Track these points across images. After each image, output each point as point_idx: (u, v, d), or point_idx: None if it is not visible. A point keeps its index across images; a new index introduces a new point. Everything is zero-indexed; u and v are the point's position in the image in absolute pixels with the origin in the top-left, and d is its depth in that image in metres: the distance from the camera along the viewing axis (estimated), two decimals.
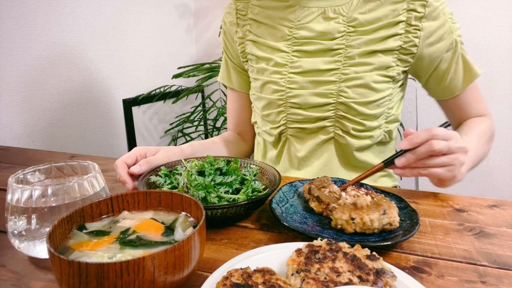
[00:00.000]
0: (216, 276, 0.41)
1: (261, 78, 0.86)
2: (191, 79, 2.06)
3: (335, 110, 0.80)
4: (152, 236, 0.44)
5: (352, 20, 0.79)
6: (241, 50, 0.92)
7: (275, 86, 0.84)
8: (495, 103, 1.74)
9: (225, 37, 0.96)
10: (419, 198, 0.69)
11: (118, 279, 0.34)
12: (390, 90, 0.81)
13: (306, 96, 0.81)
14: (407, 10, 0.77)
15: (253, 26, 0.89)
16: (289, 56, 0.83)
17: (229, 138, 1.00)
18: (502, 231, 0.57)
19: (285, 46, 0.84)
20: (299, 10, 0.83)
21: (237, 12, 0.91)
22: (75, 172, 0.58)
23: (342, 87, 0.79)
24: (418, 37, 0.77)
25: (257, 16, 0.88)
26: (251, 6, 0.89)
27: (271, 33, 0.86)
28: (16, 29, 1.23)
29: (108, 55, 1.59)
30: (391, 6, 0.78)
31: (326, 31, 0.80)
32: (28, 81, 1.28)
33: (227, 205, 0.55)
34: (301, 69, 0.81)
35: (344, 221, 0.53)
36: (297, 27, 0.83)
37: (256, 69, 0.88)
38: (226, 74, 1.00)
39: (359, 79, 0.78)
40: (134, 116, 1.77)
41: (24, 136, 1.29)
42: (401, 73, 0.82)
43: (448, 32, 0.79)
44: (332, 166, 0.85)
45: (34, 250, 0.49)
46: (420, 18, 0.77)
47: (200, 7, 2.14)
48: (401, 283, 0.40)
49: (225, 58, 0.99)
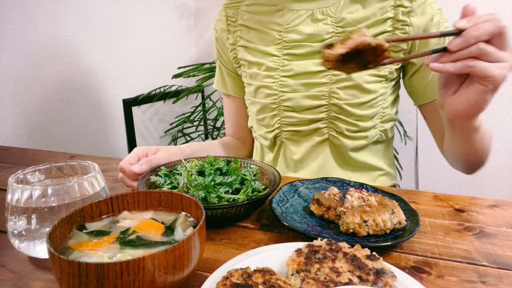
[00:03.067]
0: (216, 276, 0.41)
1: (254, 83, 0.87)
2: (191, 79, 2.06)
3: (328, 111, 0.80)
4: (152, 236, 0.44)
5: (340, 21, 0.79)
6: (233, 56, 0.92)
7: (268, 90, 0.84)
8: (495, 103, 1.73)
9: (218, 44, 0.97)
10: (419, 198, 0.69)
11: (118, 279, 0.34)
12: (383, 89, 0.81)
13: (299, 99, 0.81)
14: (394, 7, 0.77)
15: (243, 32, 0.89)
16: (280, 60, 0.83)
17: (228, 142, 1.00)
18: (502, 231, 0.57)
19: (275, 50, 0.84)
20: (287, 13, 0.84)
21: (227, 19, 0.92)
22: (75, 172, 0.58)
23: (333, 89, 0.79)
24: (407, 33, 0.77)
25: (247, 22, 0.88)
26: (240, 12, 0.90)
27: (261, 37, 0.86)
28: (16, 29, 1.23)
29: (108, 55, 1.59)
30: (378, 4, 0.78)
31: (315, 33, 0.80)
32: (28, 81, 1.28)
33: (227, 205, 0.55)
34: (293, 72, 0.81)
35: (356, 225, 0.51)
36: (286, 31, 0.83)
37: (249, 74, 0.89)
38: (221, 81, 1.01)
39: (349, 81, 0.78)
40: (134, 116, 1.77)
41: (24, 136, 1.29)
42: (394, 72, 0.81)
43: (437, 26, 0.77)
44: (329, 167, 0.85)
45: (34, 250, 0.49)
46: (408, 13, 0.76)
47: (200, 7, 2.14)
48: (401, 283, 0.40)
49: (219, 65, 1.00)
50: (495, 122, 1.76)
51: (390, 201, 0.56)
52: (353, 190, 0.60)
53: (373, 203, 0.55)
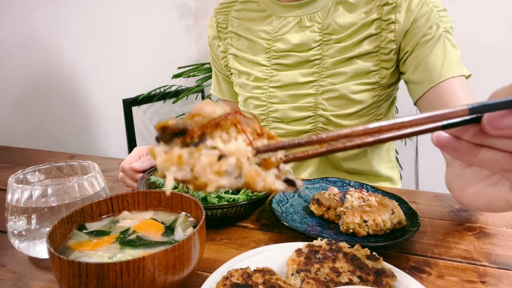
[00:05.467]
0: (216, 276, 0.41)
1: (243, 94, 0.86)
2: (191, 79, 2.06)
3: (315, 122, 0.79)
4: (152, 236, 0.44)
5: (327, 27, 0.76)
6: (224, 64, 0.91)
7: (256, 101, 0.83)
8: None
9: (211, 51, 0.95)
10: (419, 198, 0.69)
11: (118, 279, 0.34)
12: (375, 98, 0.76)
13: (286, 111, 0.80)
14: (380, 6, 0.73)
15: (233, 39, 0.88)
16: (269, 69, 0.82)
17: None
18: (502, 231, 0.57)
19: (264, 59, 0.82)
20: (276, 20, 0.82)
21: (217, 25, 0.90)
22: (75, 172, 0.58)
23: (319, 100, 0.77)
24: (393, 31, 0.71)
25: (237, 29, 0.87)
26: (231, 18, 0.88)
27: (250, 46, 0.85)
28: (16, 29, 1.23)
29: (108, 55, 1.59)
30: (364, 8, 0.75)
31: (301, 42, 0.78)
32: (28, 81, 1.28)
33: (227, 205, 0.55)
34: (280, 83, 0.80)
35: (356, 225, 0.52)
36: (274, 39, 0.81)
37: (239, 84, 0.88)
38: (218, 87, 1.00)
39: (335, 91, 0.75)
40: (134, 116, 1.77)
41: (24, 136, 1.29)
42: (389, 76, 0.75)
43: (427, 17, 0.70)
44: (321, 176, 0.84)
45: (34, 250, 0.49)
46: (393, 10, 0.71)
47: (200, 7, 2.14)
48: (401, 283, 0.40)
49: (214, 71, 0.99)
50: None
51: (390, 201, 0.56)
52: (353, 190, 0.60)
53: (373, 203, 0.55)
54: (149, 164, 0.70)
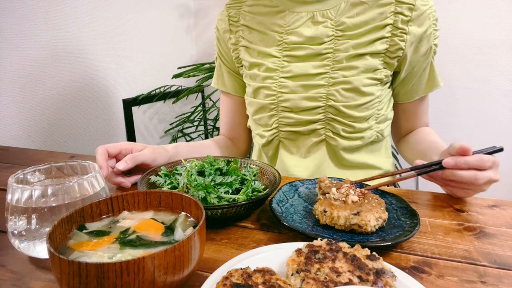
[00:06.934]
0: (216, 276, 0.41)
1: (253, 84, 0.87)
2: (191, 79, 2.06)
3: (325, 113, 0.81)
4: (152, 236, 0.44)
5: (340, 24, 0.80)
6: (235, 56, 0.93)
7: (267, 91, 0.84)
8: (495, 103, 1.74)
9: (219, 44, 0.97)
10: (419, 198, 0.69)
11: (118, 279, 0.34)
12: (379, 92, 0.82)
13: (297, 100, 0.81)
14: (394, 13, 0.78)
15: (245, 32, 0.90)
16: (280, 61, 0.84)
17: (220, 142, 1.00)
18: (502, 231, 0.57)
19: (276, 51, 0.84)
20: (288, 15, 0.84)
21: (229, 19, 0.92)
22: (75, 172, 0.58)
23: (331, 91, 0.79)
24: (405, 41, 0.78)
25: (249, 22, 0.89)
26: (242, 12, 0.90)
27: (262, 38, 0.87)
28: (16, 29, 1.23)
29: (108, 55, 1.59)
30: (378, 9, 0.79)
31: (314, 36, 0.81)
32: (28, 81, 1.28)
33: (227, 205, 0.55)
34: (292, 73, 0.82)
35: (319, 212, 0.56)
36: (287, 32, 0.84)
37: (249, 75, 0.89)
38: (220, 79, 1.01)
39: (347, 83, 0.79)
40: (134, 116, 1.77)
41: (24, 136, 1.29)
42: (389, 76, 0.83)
43: (428, 37, 0.80)
44: (325, 167, 0.86)
45: (34, 250, 0.49)
46: (407, 22, 0.77)
47: (200, 7, 2.14)
48: (401, 283, 0.40)
49: (219, 63, 1.00)
50: (494, 122, 1.76)
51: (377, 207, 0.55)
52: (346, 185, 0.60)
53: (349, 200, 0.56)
54: (133, 163, 0.70)
